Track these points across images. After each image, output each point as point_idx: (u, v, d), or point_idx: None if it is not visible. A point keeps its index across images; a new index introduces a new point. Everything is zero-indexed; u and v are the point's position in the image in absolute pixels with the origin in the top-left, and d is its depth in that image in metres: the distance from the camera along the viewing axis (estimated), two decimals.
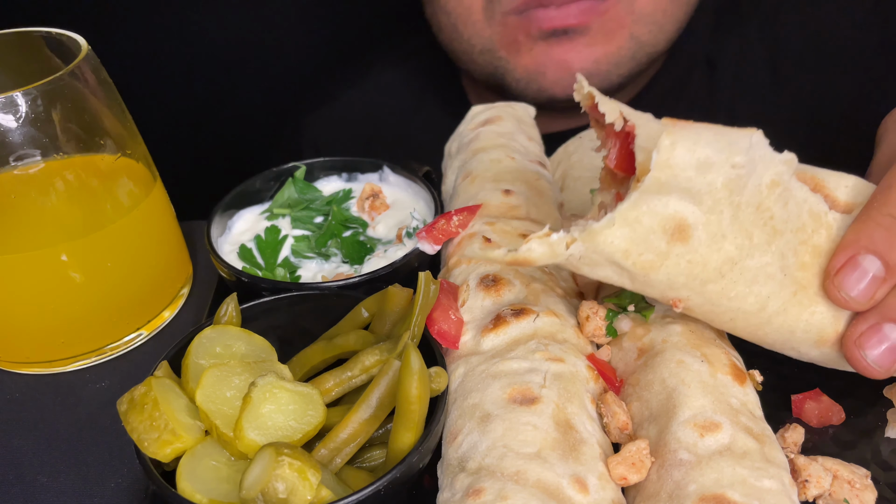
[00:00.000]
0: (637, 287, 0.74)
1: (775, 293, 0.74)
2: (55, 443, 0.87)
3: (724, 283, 0.72)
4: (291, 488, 0.63)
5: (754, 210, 0.71)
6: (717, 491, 0.64)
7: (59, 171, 0.87)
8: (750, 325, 0.77)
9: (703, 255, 0.70)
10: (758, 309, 0.74)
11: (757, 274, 0.72)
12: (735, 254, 0.71)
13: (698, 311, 0.76)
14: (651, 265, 0.70)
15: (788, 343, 0.79)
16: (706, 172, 0.67)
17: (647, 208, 0.67)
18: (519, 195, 0.99)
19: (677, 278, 0.71)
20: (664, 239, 0.68)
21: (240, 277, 0.94)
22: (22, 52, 0.94)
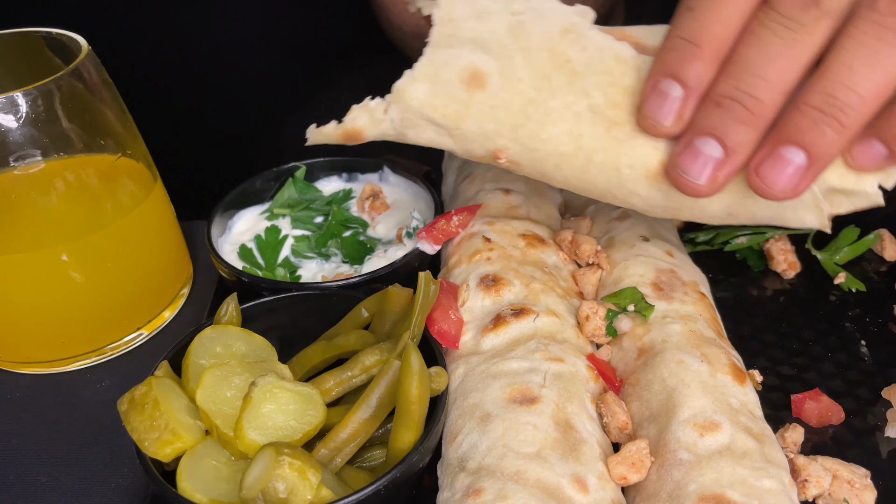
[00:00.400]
0: (459, 145, 0.78)
1: (588, 131, 0.75)
2: (55, 443, 0.87)
3: (532, 126, 0.75)
4: (292, 488, 0.63)
5: (547, 54, 0.74)
6: (717, 491, 0.64)
7: (59, 172, 0.87)
8: (576, 170, 0.77)
9: (504, 99, 0.74)
10: (575, 148, 0.76)
11: (562, 113, 0.74)
12: (534, 95, 0.74)
13: (523, 162, 0.78)
14: (459, 116, 0.75)
15: (623, 185, 0.77)
16: (486, 21, 0.73)
17: (441, 61, 0.73)
18: (519, 195, 1.00)
19: (487, 125, 0.75)
20: (462, 88, 0.74)
21: (240, 277, 0.94)
22: (22, 52, 0.94)
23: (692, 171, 0.70)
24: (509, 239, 0.92)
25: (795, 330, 0.96)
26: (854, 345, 0.93)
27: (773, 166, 0.67)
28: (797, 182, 0.67)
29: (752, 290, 1.03)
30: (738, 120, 0.67)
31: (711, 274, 1.02)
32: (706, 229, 1.10)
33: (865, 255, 1.07)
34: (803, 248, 1.07)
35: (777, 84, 0.66)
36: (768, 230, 1.07)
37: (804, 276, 1.04)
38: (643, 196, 0.77)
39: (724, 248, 1.08)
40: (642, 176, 0.76)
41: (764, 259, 1.06)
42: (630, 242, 0.93)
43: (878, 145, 0.69)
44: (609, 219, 0.98)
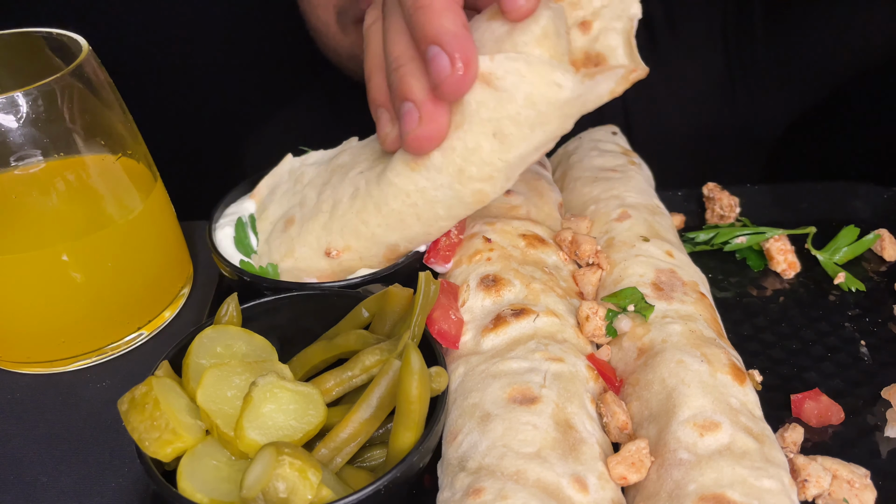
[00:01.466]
0: (309, 271, 0.94)
1: (363, 182, 0.91)
2: (56, 443, 0.87)
3: (332, 213, 0.92)
4: (292, 488, 0.63)
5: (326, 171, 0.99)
6: (717, 490, 0.64)
7: (59, 172, 0.87)
8: (375, 212, 0.88)
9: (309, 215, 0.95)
10: (362, 202, 0.89)
11: (343, 186, 0.93)
12: (323, 196, 0.94)
13: (348, 240, 0.91)
14: (290, 251, 0.95)
15: (407, 196, 0.85)
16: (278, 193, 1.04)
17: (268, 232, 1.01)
18: (519, 195, 1.00)
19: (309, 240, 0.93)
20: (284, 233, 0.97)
21: (242, 276, 0.94)
22: (23, 52, 0.94)
23: (407, 126, 0.80)
24: (509, 239, 0.92)
25: (795, 330, 0.96)
26: (854, 345, 0.93)
27: (434, 69, 0.75)
28: (453, 60, 0.74)
29: (751, 290, 1.03)
30: (399, 78, 0.80)
31: (711, 274, 1.02)
32: (706, 229, 1.10)
33: (865, 255, 1.07)
34: (803, 248, 1.07)
35: None
36: (768, 230, 1.07)
37: (804, 276, 1.04)
38: (428, 185, 0.83)
39: (724, 248, 1.08)
40: (408, 171, 0.84)
41: (764, 259, 1.07)
42: (630, 242, 0.93)
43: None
44: (609, 219, 0.98)
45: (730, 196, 1.13)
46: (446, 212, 0.86)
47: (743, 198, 1.14)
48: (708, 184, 1.16)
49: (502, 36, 0.77)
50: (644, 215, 0.97)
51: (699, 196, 1.18)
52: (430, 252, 0.94)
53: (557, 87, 0.74)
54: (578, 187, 1.07)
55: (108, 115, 0.93)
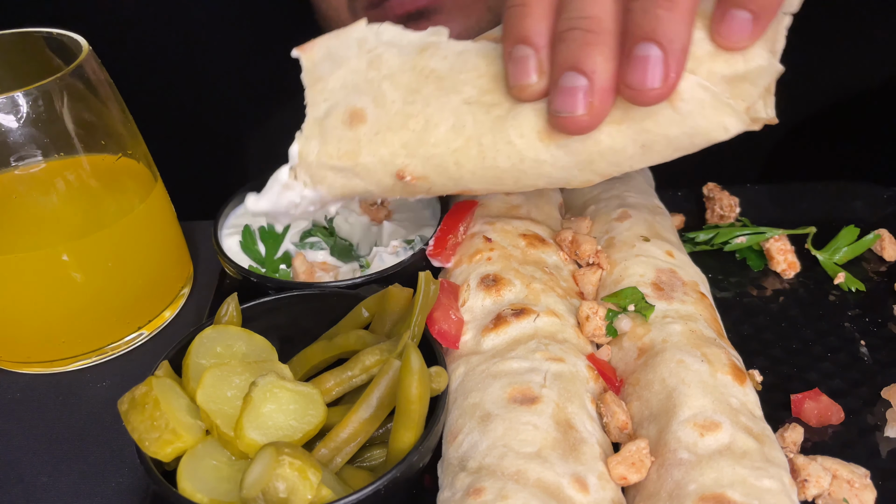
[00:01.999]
0: (368, 180, 0.81)
1: (469, 121, 0.77)
2: (56, 443, 0.87)
3: (419, 136, 0.79)
4: (292, 488, 0.63)
5: (410, 73, 0.79)
6: (717, 490, 0.64)
7: (60, 172, 0.88)
8: (474, 159, 0.78)
9: (385, 123, 0.79)
10: (464, 140, 0.78)
11: (441, 115, 0.78)
12: (410, 109, 0.79)
13: (426, 171, 0.80)
14: (352, 153, 0.80)
15: (525, 155, 0.77)
16: (347, 66, 0.80)
17: (323, 115, 0.80)
18: (519, 195, 1.00)
19: (380, 152, 0.80)
20: (347, 128, 0.80)
21: (247, 277, 0.94)
22: (23, 52, 0.94)
23: (567, 107, 0.71)
24: (510, 239, 0.93)
25: (795, 330, 0.96)
26: (854, 345, 0.93)
27: (634, 69, 0.67)
28: (664, 74, 0.67)
29: (751, 290, 1.03)
30: (585, 43, 0.69)
31: (711, 274, 1.02)
32: (706, 229, 1.10)
33: (865, 255, 1.07)
34: (803, 248, 1.07)
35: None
36: (768, 230, 1.07)
37: (804, 275, 1.04)
38: (549, 160, 0.77)
39: (724, 247, 1.08)
40: (535, 140, 0.76)
41: (764, 259, 1.06)
42: (630, 242, 0.93)
43: (740, 13, 0.68)
44: (609, 219, 0.98)
45: (730, 196, 1.13)
46: (542, 184, 0.80)
47: (743, 198, 1.14)
48: (708, 184, 1.16)
49: (702, 54, 0.70)
50: (644, 215, 0.97)
51: (699, 196, 1.18)
52: (436, 247, 0.94)
53: (724, 130, 0.72)
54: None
55: (108, 115, 0.93)
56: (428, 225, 1.06)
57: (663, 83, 0.67)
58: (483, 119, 0.77)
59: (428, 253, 0.95)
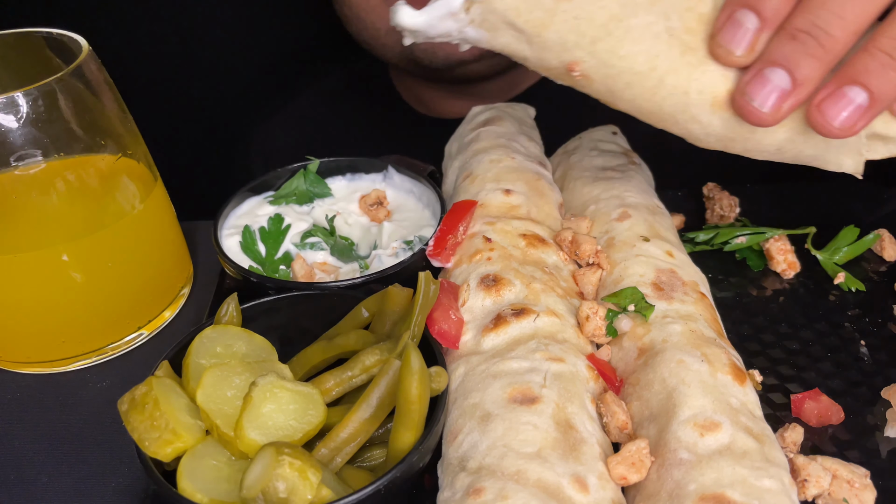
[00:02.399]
0: (535, 53, 0.78)
1: (664, 52, 0.76)
2: (56, 443, 0.87)
3: (612, 41, 0.76)
4: (292, 488, 0.63)
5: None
6: (717, 490, 0.64)
7: (59, 172, 0.88)
8: (646, 90, 0.78)
9: (589, 12, 0.75)
10: (649, 69, 0.77)
11: (642, 32, 0.76)
12: (618, 11, 0.75)
13: (596, 76, 0.79)
14: (542, 23, 0.76)
15: (687, 110, 0.79)
16: None
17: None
18: (519, 195, 1.00)
19: (568, 37, 0.76)
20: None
21: (247, 277, 0.94)
22: (23, 52, 0.94)
23: (758, 98, 0.72)
24: (510, 239, 0.93)
25: (795, 330, 0.96)
26: (854, 345, 0.93)
27: (835, 103, 0.70)
28: (855, 121, 0.70)
29: (751, 290, 1.03)
30: (810, 54, 0.69)
31: (711, 274, 1.02)
32: (706, 229, 1.10)
33: (865, 255, 1.07)
34: (803, 248, 1.07)
35: (852, 23, 0.69)
36: (768, 230, 1.07)
37: (804, 275, 1.04)
38: (703, 123, 0.79)
39: (724, 248, 1.08)
40: (707, 102, 0.77)
41: (763, 259, 1.07)
42: (630, 242, 0.93)
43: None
44: (609, 219, 0.98)
45: (730, 196, 1.13)
46: (676, 132, 0.82)
47: (743, 198, 1.14)
48: (708, 184, 1.16)
49: None
50: (644, 215, 0.97)
51: (699, 196, 1.18)
52: (436, 247, 0.94)
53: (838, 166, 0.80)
54: (579, 187, 1.07)
55: (108, 115, 0.93)
56: (428, 225, 1.06)
57: (849, 127, 0.70)
58: (675, 59, 0.77)
59: (428, 253, 0.95)
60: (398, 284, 0.83)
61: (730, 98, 0.76)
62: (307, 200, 1.10)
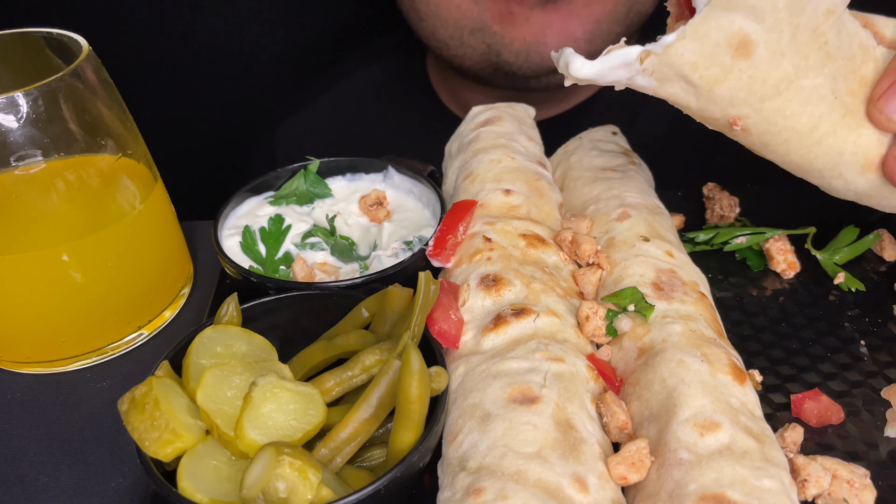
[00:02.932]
0: (701, 105, 0.80)
1: (826, 114, 0.80)
2: (56, 442, 0.87)
3: (780, 101, 0.79)
4: (292, 488, 0.63)
5: (811, 33, 0.77)
6: (717, 490, 0.64)
7: (60, 172, 0.88)
8: (802, 147, 0.82)
9: (763, 72, 0.76)
10: (810, 129, 0.80)
11: (811, 94, 0.79)
12: (792, 72, 0.77)
13: (755, 131, 0.82)
14: (716, 79, 0.76)
15: (837, 168, 0.83)
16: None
17: (714, 23, 0.73)
18: (519, 195, 1.00)
19: (738, 94, 0.78)
20: (729, 53, 0.75)
21: (248, 277, 0.94)
22: (23, 52, 0.94)
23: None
24: (510, 239, 0.93)
25: (795, 330, 0.96)
26: (854, 345, 0.93)
27: None
28: None
29: (751, 290, 1.03)
30: None
31: (711, 274, 1.02)
32: (706, 229, 1.10)
33: (865, 255, 1.07)
34: (803, 248, 1.07)
35: None
36: (768, 230, 1.07)
37: (804, 276, 1.04)
38: (848, 180, 0.84)
39: (724, 248, 1.08)
40: (859, 164, 0.82)
41: (763, 259, 1.07)
42: (630, 242, 0.93)
43: None
44: (609, 219, 0.98)
45: (730, 196, 1.13)
46: (819, 185, 0.87)
47: (743, 198, 1.14)
48: (708, 184, 1.16)
49: None
50: (644, 215, 0.97)
51: (699, 196, 1.18)
52: (436, 247, 0.94)
53: None
54: (579, 187, 1.07)
55: (108, 115, 0.93)
56: (428, 225, 1.06)
57: None
58: (836, 121, 0.80)
59: (428, 253, 0.95)
60: (398, 284, 0.83)
61: (881, 161, 0.81)
62: (307, 201, 1.10)
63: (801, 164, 0.84)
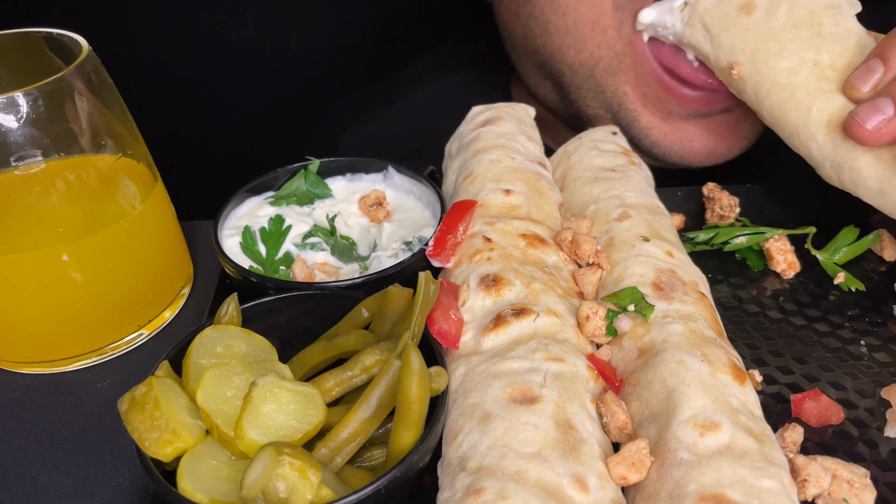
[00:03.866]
0: (713, 52, 1.08)
1: (805, 76, 0.99)
2: (56, 442, 0.87)
3: (766, 54, 1.02)
4: (292, 488, 0.63)
5: (808, 14, 1.01)
6: (717, 490, 0.64)
7: (59, 172, 0.87)
8: (780, 100, 1.01)
9: (759, 28, 1.03)
10: (787, 82, 1.00)
11: (794, 55, 1.00)
12: (782, 36, 1.01)
13: (748, 80, 1.04)
14: (723, 26, 1.06)
15: (808, 126, 0.99)
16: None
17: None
18: (519, 195, 1.00)
19: (737, 42, 1.04)
20: (735, 9, 1.05)
21: (248, 277, 0.94)
22: (23, 52, 0.94)
23: (864, 117, 0.89)
24: (509, 239, 0.93)
25: (795, 330, 0.96)
26: (854, 345, 0.93)
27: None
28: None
29: (751, 290, 1.03)
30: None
31: (711, 274, 1.02)
32: (706, 229, 1.10)
33: (865, 255, 1.07)
34: (803, 248, 1.07)
35: None
36: (768, 230, 1.07)
37: (804, 276, 1.04)
38: (819, 142, 0.98)
39: (724, 248, 1.08)
40: (823, 123, 0.97)
41: (763, 259, 1.07)
42: (630, 242, 0.93)
43: None
44: (609, 219, 0.98)
45: (730, 196, 1.13)
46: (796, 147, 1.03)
47: (743, 198, 1.14)
48: (708, 184, 1.16)
49: None
50: (644, 215, 0.97)
51: (699, 196, 1.18)
52: (436, 247, 0.94)
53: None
54: (578, 187, 1.07)
55: (108, 115, 0.93)
56: (428, 225, 1.06)
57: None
58: (811, 82, 0.99)
59: (427, 253, 0.95)
60: (398, 284, 0.83)
61: (842, 122, 0.95)
62: (308, 201, 1.10)
63: (779, 119, 1.01)
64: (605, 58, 1.24)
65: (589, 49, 1.24)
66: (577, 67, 1.27)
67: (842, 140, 0.95)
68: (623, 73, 1.26)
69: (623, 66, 1.26)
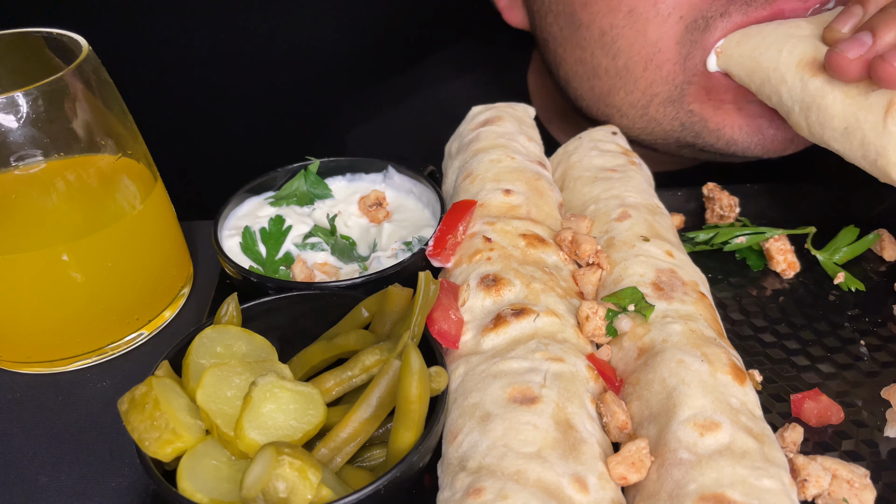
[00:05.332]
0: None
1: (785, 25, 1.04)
2: (56, 442, 0.87)
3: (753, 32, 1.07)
4: (292, 487, 0.63)
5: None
6: (717, 490, 0.64)
7: (59, 172, 0.88)
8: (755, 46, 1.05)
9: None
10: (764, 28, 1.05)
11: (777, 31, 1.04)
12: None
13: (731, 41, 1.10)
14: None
15: (778, 67, 1.01)
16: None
17: None
18: (519, 195, 1.00)
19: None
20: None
21: (248, 277, 0.94)
22: (23, 52, 0.94)
23: (845, 46, 0.90)
24: (509, 239, 0.93)
25: (795, 330, 0.96)
26: (854, 345, 0.93)
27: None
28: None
29: (751, 290, 1.03)
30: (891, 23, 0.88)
31: (711, 274, 1.02)
32: (706, 229, 1.10)
33: (865, 255, 1.07)
34: (803, 248, 1.07)
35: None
36: (768, 230, 1.07)
37: (803, 275, 1.04)
38: (788, 84, 1.00)
39: (724, 247, 1.08)
40: (794, 63, 0.99)
41: (763, 259, 1.07)
42: (630, 242, 0.93)
43: None
44: (609, 219, 0.98)
45: (730, 196, 1.13)
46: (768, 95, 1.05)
47: (743, 198, 1.14)
48: (708, 184, 1.16)
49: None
50: (644, 215, 0.97)
51: (699, 196, 1.18)
52: (436, 247, 0.94)
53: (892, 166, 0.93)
54: (578, 187, 1.07)
55: (108, 115, 0.93)
56: (428, 225, 1.06)
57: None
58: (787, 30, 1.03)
59: (427, 253, 0.95)
60: (398, 284, 0.83)
61: (813, 63, 0.97)
62: (308, 202, 1.10)
63: (751, 67, 1.05)
64: (661, 93, 1.20)
65: (641, 89, 1.20)
66: (627, 109, 1.24)
67: (811, 78, 0.97)
68: (689, 97, 1.19)
69: (688, 93, 1.19)
